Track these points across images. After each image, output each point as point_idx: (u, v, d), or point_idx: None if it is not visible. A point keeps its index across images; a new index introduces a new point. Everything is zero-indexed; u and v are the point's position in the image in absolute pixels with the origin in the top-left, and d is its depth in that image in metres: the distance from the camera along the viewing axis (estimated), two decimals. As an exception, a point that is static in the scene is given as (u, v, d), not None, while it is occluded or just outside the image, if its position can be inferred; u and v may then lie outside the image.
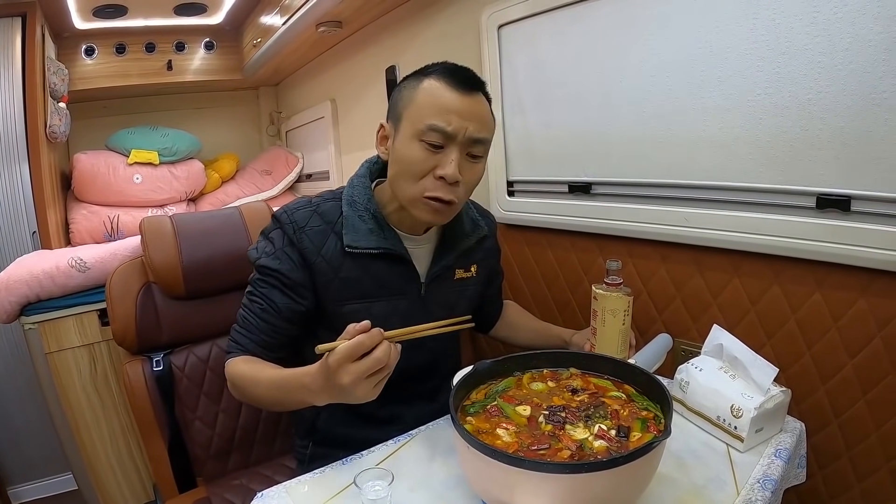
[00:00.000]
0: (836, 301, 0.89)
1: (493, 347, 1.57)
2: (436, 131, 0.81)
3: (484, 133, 0.84)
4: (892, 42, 0.74)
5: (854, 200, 0.83)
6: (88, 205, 2.19)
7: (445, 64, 0.86)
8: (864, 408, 0.88)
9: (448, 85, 0.83)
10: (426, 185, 0.84)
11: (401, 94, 0.87)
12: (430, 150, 0.82)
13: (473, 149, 0.84)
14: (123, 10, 2.11)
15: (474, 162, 0.86)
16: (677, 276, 1.13)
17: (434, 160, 0.83)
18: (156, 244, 1.21)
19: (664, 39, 1.03)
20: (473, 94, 0.84)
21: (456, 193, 0.84)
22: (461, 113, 0.81)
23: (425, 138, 0.82)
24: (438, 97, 0.82)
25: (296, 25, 1.95)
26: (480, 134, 0.83)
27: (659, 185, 1.10)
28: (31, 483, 1.97)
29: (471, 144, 0.83)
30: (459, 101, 0.82)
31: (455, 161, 0.81)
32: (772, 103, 0.89)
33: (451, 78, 0.83)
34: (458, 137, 0.81)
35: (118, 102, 2.60)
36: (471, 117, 0.82)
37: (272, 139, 3.10)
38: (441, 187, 0.83)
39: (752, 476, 0.72)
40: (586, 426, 0.62)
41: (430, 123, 0.81)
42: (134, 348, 1.21)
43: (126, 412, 1.57)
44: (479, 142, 0.84)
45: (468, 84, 0.83)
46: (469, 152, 0.84)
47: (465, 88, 0.83)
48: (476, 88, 0.85)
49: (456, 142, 0.82)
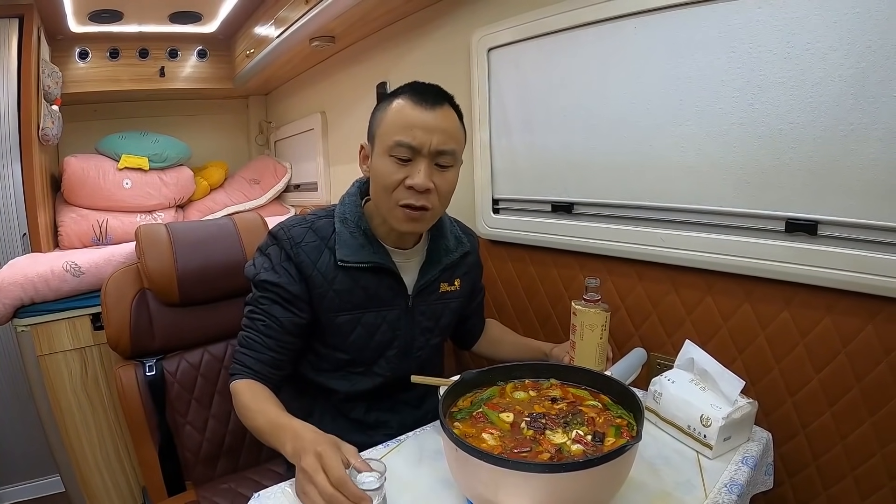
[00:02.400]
0: (803, 319, 0.95)
1: (476, 360, 1.60)
2: (402, 146, 0.88)
3: (450, 144, 0.89)
4: (861, 77, 0.80)
5: (821, 225, 0.88)
6: (77, 208, 2.18)
7: (413, 84, 0.93)
8: (830, 419, 0.93)
9: (412, 102, 0.89)
10: (399, 196, 0.89)
11: (375, 115, 0.94)
12: (400, 163, 0.89)
13: (440, 159, 0.89)
14: (119, 16, 2.12)
15: (444, 171, 0.91)
16: (653, 294, 1.17)
17: (404, 172, 0.89)
18: (152, 251, 1.24)
19: (646, 69, 1.08)
20: (437, 108, 0.89)
21: (428, 200, 0.90)
22: (424, 127, 0.87)
23: (394, 153, 0.88)
24: (404, 115, 0.89)
25: (290, 38, 1.98)
26: (445, 145, 0.89)
27: (638, 206, 1.15)
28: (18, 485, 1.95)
29: (437, 155, 0.89)
30: (423, 116, 0.88)
31: (423, 171, 0.88)
32: (746, 132, 0.94)
33: (415, 96, 0.90)
34: (424, 150, 0.87)
35: (109, 107, 2.60)
36: (434, 130, 0.88)
37: (260, 148, 3.11)
38: (412, 195, 0.89)
39: (719, 481, 0.77)
40: (565, 432, 0.67)
41: (397, 139, 0.88)
42: (127, 353, 1.23)
43: (115, 416, 1.58)
44: (445, 152, 0.89)
45: (431, 99, 0.89)
46: (437, 162, 0.89)
47: (428, 104, 0.89)
48: (439, 103, 0.90)
49: (422, 154, 0.88)
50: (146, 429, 1.20)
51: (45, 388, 1.49)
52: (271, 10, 2.07)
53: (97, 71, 2.37)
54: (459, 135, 0.93)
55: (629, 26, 1.08)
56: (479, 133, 1.45)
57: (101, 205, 2.21)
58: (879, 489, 0.89)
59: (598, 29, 1.14)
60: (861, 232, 0.85)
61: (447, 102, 0.92)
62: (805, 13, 0.84)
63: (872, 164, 0.81)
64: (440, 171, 0.90)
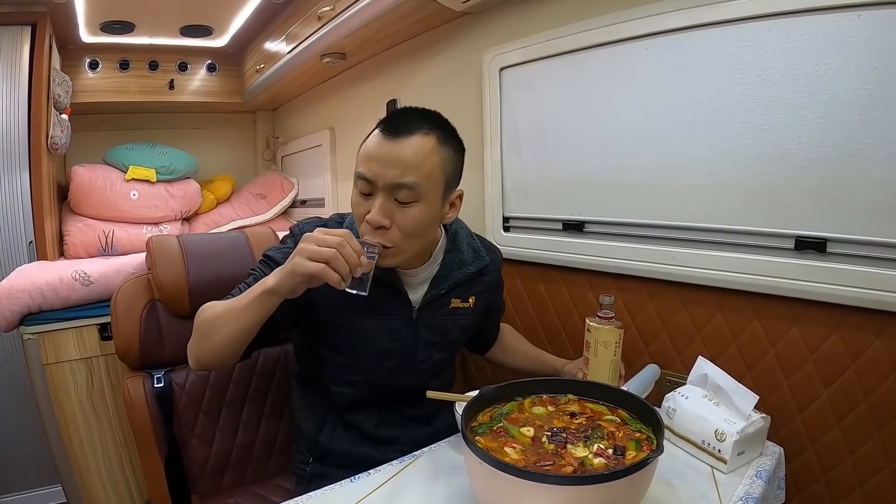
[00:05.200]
0: (812, 335, 0.96)
1: (482, 377, 1.61)
2: (361, 179, 0.87)
3: (408, 177, 0.83)
4: (868, 99, 0.83)
5: (830, 242, 0.90)
6: (84, 218, 2.19)
7: (393, 111, 0.92)
8: (839, 434, 0.94)
9: (379, 132, 0.87)
10: (363, 230, 0.88)
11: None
12: (363, 197, 0.88)
13: (398, 194, 0.84)
14: (131, 27, 2.15)
15: (405, 207, 0.85)
16: (664, 312, 1.18)
17: (367, 205, 0.87)
18: (163, 262, 1.24)
19: (656, 90, 1.10)
20: (401, 139, 0.84)
21: (386, 237, 0.85)
22: (381, 160, 0.84)
23: (357, 186, 0.88)
24: (369, 147, 0.87)
25: (301, 54, 2.00)
26: (402, 179, 0.83)
27: (648, 225, 1.16)
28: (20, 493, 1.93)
29: (393, 190, 0.84)
30: (382, 148, 0.85)
31: (377, 206, 0.84)
32: (756, 152, 0.97)
33: (383, 125, 0.88)
34: (379, 184, 0.84)
35: (117, 117, 2.61)
36: (391, 164, 0.83)
37: (267, 163, 3.13)
38: (370, 231, 0.86)
39: (735, 494, 0.78)
40: (586, 446, 0.68)
41: (358, 172, 0.87)
42: (136, 364, 1.23)
43: (120, 427, 1.57)
44: (403, 186, 0.83)
45: (396, 129, 0.85)
46: (396, 198, 0.85)
47: (390, 135, 0.85)
48: (405, 132, 0.85)
49: (378, 188, 0.85)
50: (153, 440, 1.20)
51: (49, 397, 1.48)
52: (283, 25, 2.10)
53: (107, 81, 2.39)
54: (427, 166, 0.85)
55: (640, 48, 1.11)
56: (491, 151, 1.47)
57: (107, 215, 2.22)
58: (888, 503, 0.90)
59: (610, 50, 1.17)
60: (869, 249, 0.86)
61: (419, 131, 0.86)
62: (813, 36, 0.87)
63: (880, 183, 0.84)
64: (400, 206, 0.85)
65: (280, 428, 1.35)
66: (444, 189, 0.90)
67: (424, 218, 0.87)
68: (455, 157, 0.92)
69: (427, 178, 0.85)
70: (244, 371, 1.31)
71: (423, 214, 0.87)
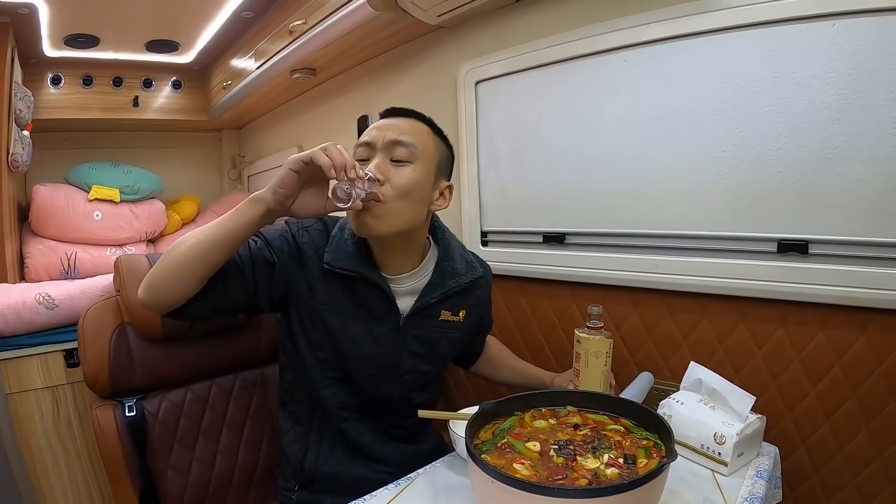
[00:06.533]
0: (798, 335, 0.98)
1: (460, 389, 1.59)
2: (360, 146, 0.93)
3: (404, 137, 0.91)
4: (844, 104, 0.86)
5: (811, 244, 0.93)
6: (45, 239, 2.09)
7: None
8: (829, 431, 0.96)
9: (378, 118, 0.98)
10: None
11: None
12: (361, 163, 0.91)
13: (395, 152, 0.90)
14: (96, 41, 2.07)
15: (400, 166, 0.91)
16: (649, 320, 1.18)
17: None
18: (134, 283, 1.16)
19: (636, 100, 1.12)
20: (398, 118, 0.95)
21: (380, 191, 0.88)
22: (380, 127, 0.93)
23: (356, 156, 0.93)
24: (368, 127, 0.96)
25: (270, 70, 1.97)
26: (399, 136, 0.90)
27: (631, 234, 1.17)
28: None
29: (391, 147, 0.90)
30: (382, 122, 0.95)
31: (375, 164, 0.90)
32: (736, 158, 0.99)
33: (381, 114, 0.98)
34: (378, 144, 0.91)
35: (80, 135, 2.51)
36: (389, 128, 0.92)
37: (233, 183, 3.05)
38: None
39: (739, 495, 0.78)
40: (595, 457, 0.66)
41: (358, 142, 0.94)
42: (105, 392, 1.16)
43: (90, 459, 1.47)
44: (399, 143, 0.90)
45: (392, 114, 0.96)
46: (392, 157, 0.90)
47: (388, 116, 0.96)
48: (398, 115, 0.95)
49: (377, 148, 0.91)
50: (125, 473, 1.12)
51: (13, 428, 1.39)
52: (251, 41, 2.07)
53: (70, 97, 2.29)
54: (422, 138, 0.93)
55: (619, 59, 1.13)
56: (467, 165, 1.46)
57: (69, 237, 2.12)
58: (880, 494, 0.92)
59: (588, 62, 1.18)
60: (849, 248, 0.89)
61: (414, 117, 0.96)
62: (790, 44, 0.90)
63: (858, 185, 0.87)
64: (396, 165, 0.91)
65: (260, 456, 1.29)
66: (435, 169, 0.95)
67: (417, 180, 0.91)
68: (446, 150, 0.99)
69: (422, 146, 0.92)
70: (220, 396, 1.26)
71: (416, 176, 0.91)
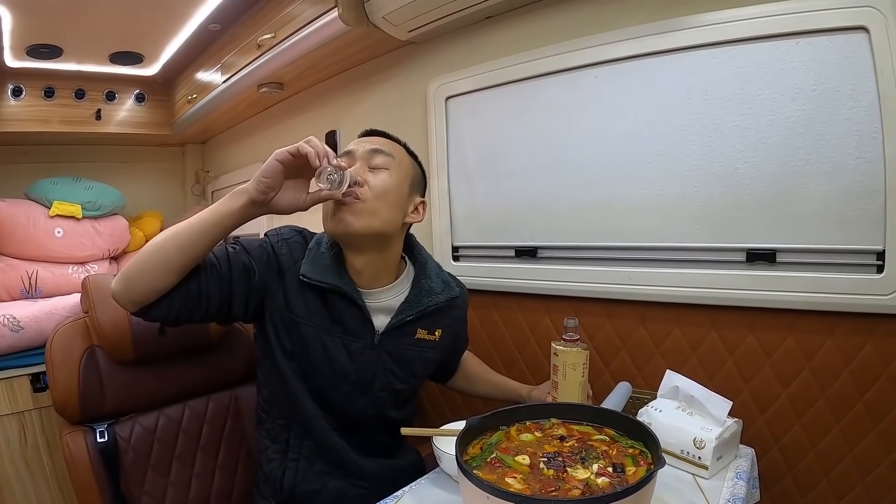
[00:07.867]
0: (768, 341, 1.02)
1: (437, 410, 1.58)
2: (342, 156, 0.99)
3: (383, 147, 0.99)
4: (808, 119, 0.91)
5: (779, 253, 0.97)
6: (5, 257, 1.98)
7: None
8: (801, 431, 1.00)
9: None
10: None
11: None
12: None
13: (373, 160, 0.97)
14: (59, 52, 1.99)
15: (377, 172, 0.97)
16: (622, 330, 1.21)
17: None
18: (103, 304, 1.13)
19: (606, 115, 1.15)
20: (374, 136, 1.03)
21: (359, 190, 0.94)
22: (359, 141, 1.02)
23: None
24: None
25: (237, 84, 1.93)
26: (376, 146, 0.98)
27: (603, 247, 1.19)
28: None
29: (370, 156, 0.97)
30: (360, 138, 1.04)
31: (356, 167, 0.96)
32: (705, 172, 1.03)
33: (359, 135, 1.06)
34: (358, 153, 0.98)
35: (41, 149, 2.41)
36: (368, 141, 1.00)
37: (197, 198, 2.97)
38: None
39: (721, 497, 0.80)
40: (584, 467, 0.67)
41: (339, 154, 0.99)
42: (75, 417, 1.11)
43: (59, 488, 1.40)
44: (378, 151, 0.98)
45: (370, 133, 1.05)
46: (370, 164, 0.97)
47: (366, 135, 1.04)
48: (377, 134, 1.04)
49: (356, 157, 0.98)
50: (98, 501, 1.08)
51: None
52: (218, 54, 2.03)
53: (30, 110, 2.19)
54: (398, 152, 1.01)
55: (589, 76, 1.16)
56: (438, 181, 1.45)
57: (30, 254, 2.02)
58: (853, 489, 0.96)
59: (559, 78, 1.21)
60: (815, 256, 0.94)
61: (392, 138, 1.04)
62: (755, 63, 0.95)
63: (822, 195, 0.92)
64: (374, 171, 0.97)
65: (236, 480, 1.26)
66: (409, 183, 1.01)
67: (394, 184, 0.97)
68: (419, 170, 1.06)
69: (399, 157, 1.00)
70: (193, 419, 1.23)
71: (393, 181, 0.97)
